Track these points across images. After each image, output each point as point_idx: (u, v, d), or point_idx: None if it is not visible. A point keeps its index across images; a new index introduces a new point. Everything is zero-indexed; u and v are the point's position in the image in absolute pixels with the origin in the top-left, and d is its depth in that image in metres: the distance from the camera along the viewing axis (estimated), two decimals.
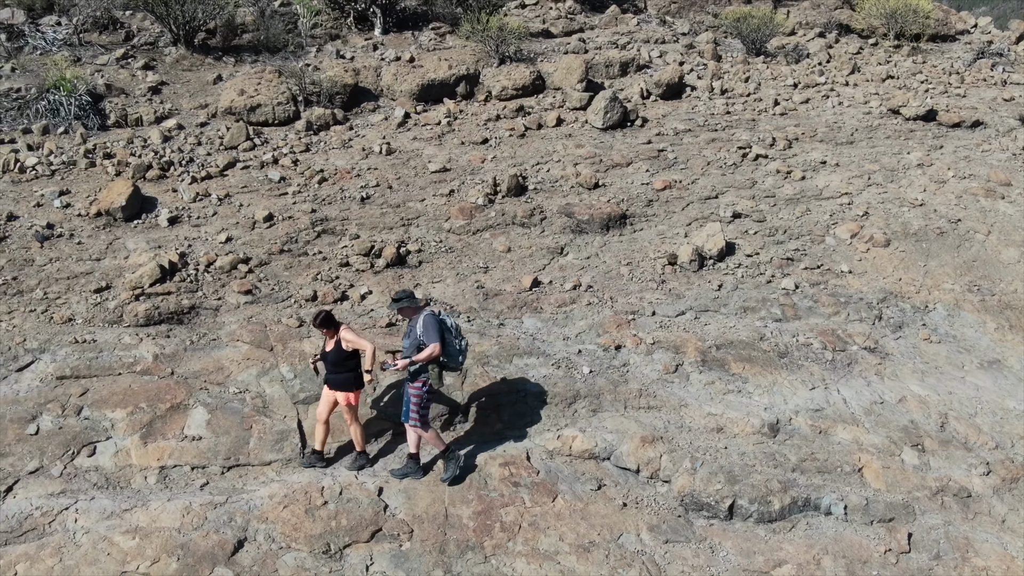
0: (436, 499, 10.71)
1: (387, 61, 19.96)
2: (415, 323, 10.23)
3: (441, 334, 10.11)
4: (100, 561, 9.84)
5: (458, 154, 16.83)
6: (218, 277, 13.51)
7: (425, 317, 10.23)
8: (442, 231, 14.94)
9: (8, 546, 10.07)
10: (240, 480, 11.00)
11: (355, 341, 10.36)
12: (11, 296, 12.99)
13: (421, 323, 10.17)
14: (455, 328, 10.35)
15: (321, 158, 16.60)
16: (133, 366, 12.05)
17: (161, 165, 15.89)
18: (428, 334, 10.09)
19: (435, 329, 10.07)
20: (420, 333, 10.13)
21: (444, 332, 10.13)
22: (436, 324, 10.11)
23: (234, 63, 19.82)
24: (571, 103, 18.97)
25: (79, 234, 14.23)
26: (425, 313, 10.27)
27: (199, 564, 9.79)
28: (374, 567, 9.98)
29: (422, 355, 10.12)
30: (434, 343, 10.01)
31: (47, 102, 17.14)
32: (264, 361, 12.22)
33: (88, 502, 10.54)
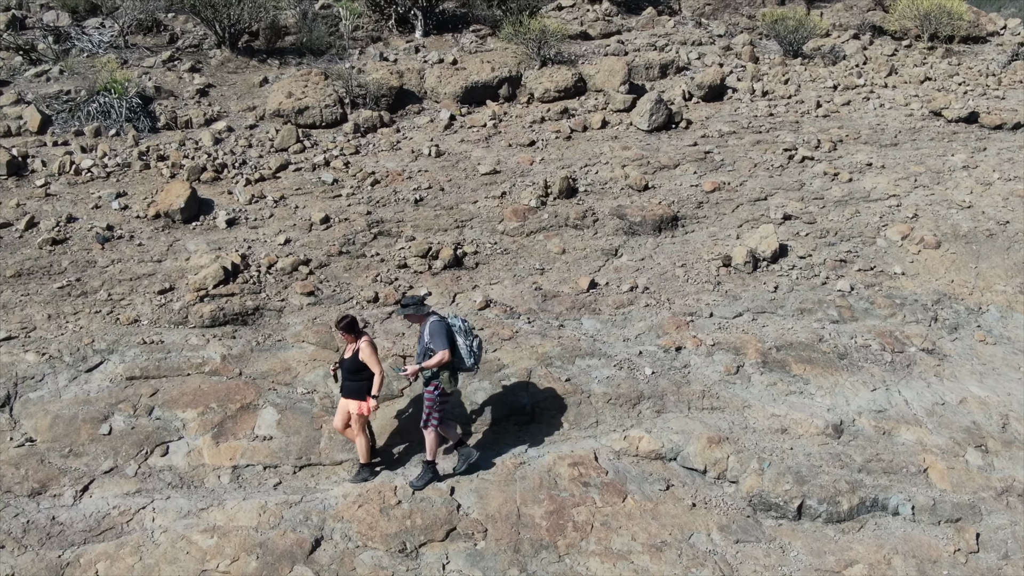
0: (508, 499, 10.80)
1: (430, 63, 20.07)
2: (423, 330, 10.31)
3: (449, 338, 10.19)
4: (180, 560, 9.94)
5: (506, 156, 16.94)
6: (280, 279, 13.63)
7: (432, 323, 10.24)
8: (496, 233, 15.05)
9: (87, 545, 10.18)
10: (312, 479, 11.10)
11: (369, 359, 10.28)
12: (75, 297, 13.13)
13: (427, 329, 10.19)
14: (465, 329, 10.37)
15: (371, 160, 16.71)
16: (202, 367, 12.17)
17: (215, 167, 16.02)
18: (435, 340, 10.08)
19: (442, 335, 10.08)
20: (428, 340, 10.17)
21: (453, 335, 10.26)
22: (443, 329, 10.13)
23: (279, 65, 19.95)
24: (614, 105, 19.07)
25: (139, 236, 14.36)
26: (431, 319, 10.29)
27: (278, 562, 9.90)
28: (450, 566, 10.07)
29: (431, 362, 10.13)
30: (442, 349, 10.04)
31: (98, 104, 17.29)
32: (330, 362, 12.35)
33: (164, 501, 10.66)
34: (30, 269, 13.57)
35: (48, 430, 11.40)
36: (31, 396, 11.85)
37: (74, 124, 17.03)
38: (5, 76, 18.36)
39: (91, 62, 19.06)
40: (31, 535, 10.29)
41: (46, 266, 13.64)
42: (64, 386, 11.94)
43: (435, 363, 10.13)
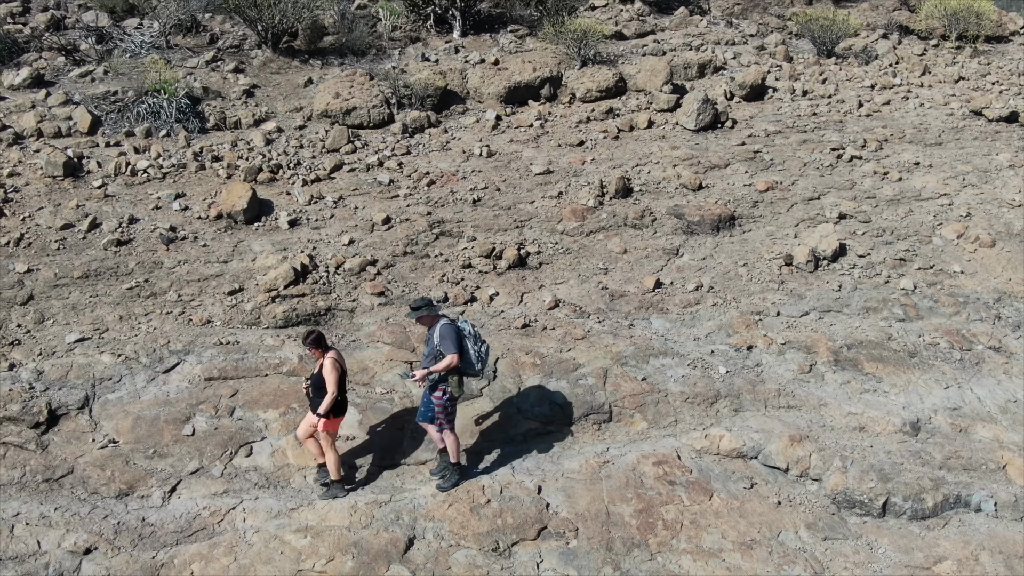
0: (595, 497, 10.87)
1: (471, 64, 20.11)
2: (432, 332, 10.28)
3: (459, 342, 10.13)
4: (275, 560, 9.98)
5: (557, 156, 17.00)
6: (348, 279, 13.68)
7: (442, 326, 10.19)
8: (555, 233, 15.11)
9: (180, 545, 10.22)
10: (398, 479, 11.16)
11: (327, 375, 10.16)
12: (145, 298, 13.15)
13: (438, 332, 10.13)
14: (474, 334, 10.31)
15: (423, 161, 16.76)
16: (279, 367, 12.21)
17: (271, 168, 16.05)
18: (445, 343, 10.03)
19: (452, 338, 10.04)
20: (437, 343, 10.11)
21: (462, 340, 10.19)
22: (453, 333, 10.09)
23: (321, 66, 19.98)
24: (658, 105, 19.14)
25: (202, 236, 14.38)
26: (442, 322, 10.22)
27: (374, 562, 9.94)
28: (544, 564, 10.12)
29: (440, 365, 10.10)
30: (452, 353, 9.99)
31: (147, 105, 17.27)
32: (408, 362, 12.37)
33: (253, 502, 10.70)
34: (97, 270, 13.58)
35: (130, 431, 11.42)
36: (109, 397, 11.87)
37: (124, 125, 17.01)
38: (50, 76, 18.27)
39: (134, 63, 19.04)
40: (123, 536, 10.33)
41: (113, 267, 13.64)
42: (143, 387, 11.96)
43: (444, 367, 10.04)
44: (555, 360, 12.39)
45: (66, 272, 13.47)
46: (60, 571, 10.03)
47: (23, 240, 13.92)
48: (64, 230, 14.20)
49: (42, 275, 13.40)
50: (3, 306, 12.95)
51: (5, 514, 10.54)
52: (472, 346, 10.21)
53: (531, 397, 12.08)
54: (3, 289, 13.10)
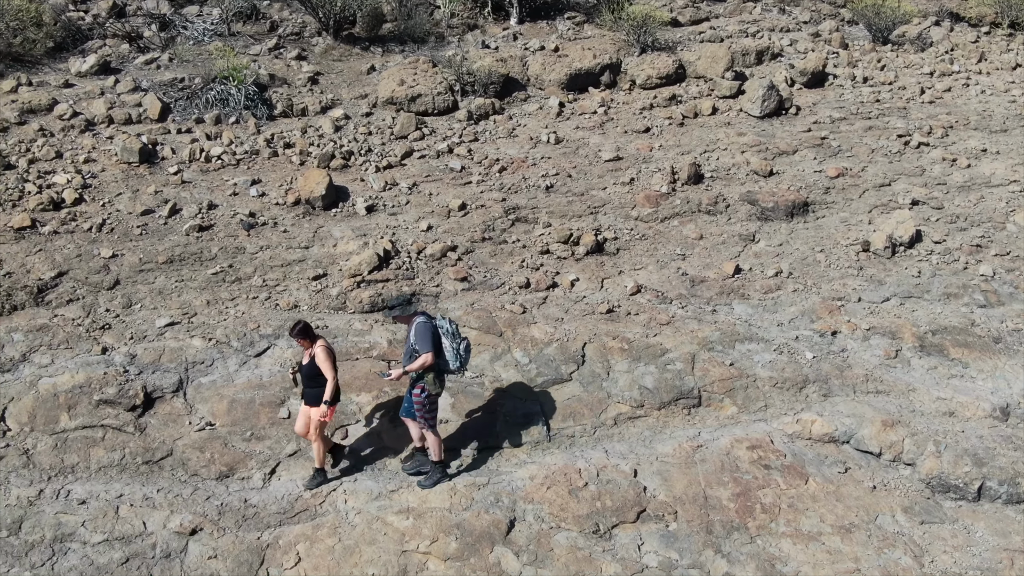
0: (692, 481, 10.93)
1: (531, 51, 20.14)
2: (409, 331, 10.20)
3: (435, 341, 10.07)
4: (378, 541, 10.08)
5: (624, 143, 17.03)
6: (430, 264, 13.76)
7: (417, 325, 10.13)
8: (630, 219, 15.15)
9: (283, 527, 10.31)
10: (493, 462, 11.25)
11: (323, 364, 10.16)
12: (230, 283, 13.26)
13: (414, 331, 10.09)
14: (452, 331, 10.18)
15: (491, 147, 16.81)
16: (369, 351, 12.30)
17: (343, 154, 16.14)
18: (420, 342, 9.98)
19: (426, 337, 9.99)
20: (413, 341, 10.05)
21: (438, 337, 10.10)
22: (428, 331, 10.04)
23: (382, 53, 20.06)
24: (720, 92, 19.14)
25: (282, 222, 14.48)
26: (418, 320, 10.16)
27: (478, 543, 10.03)
28: (645, 547, 10.20)
29: (414, 364, 10.02)
30: (426, 351, 9.94)
31: (215, 92, 17.33)
32: (495, 346, 12.45)
33: (353, 483, 10.80)
34: (181, 255, 13.70)
35: (226, 414, 11.55)
36: (203, 381, 11.99)
37: (193, 112, 17.11)
38: (116, 63, 18.40)
39: (198, 50, 19.14)
40: (227, 517, 10.44)
41: (196, 252, 13.76)
42: (235, 371, 12.08)
43: (418, 366, 9.97)
44: (642, 345, 12.44)
45: (150, 257, 13.58)
46: (167, 551, 10.14)
47: (105, 225, 14.03)
48: (145, 216, 14.30)
49: (127, 260, 13.51)
50: (91, 291, 13.06)
51: (109, 495, 10.66)
52: (450, 343, 10.10)
53: (620, 381, 12.14)
54: (90, 274, 13.20)
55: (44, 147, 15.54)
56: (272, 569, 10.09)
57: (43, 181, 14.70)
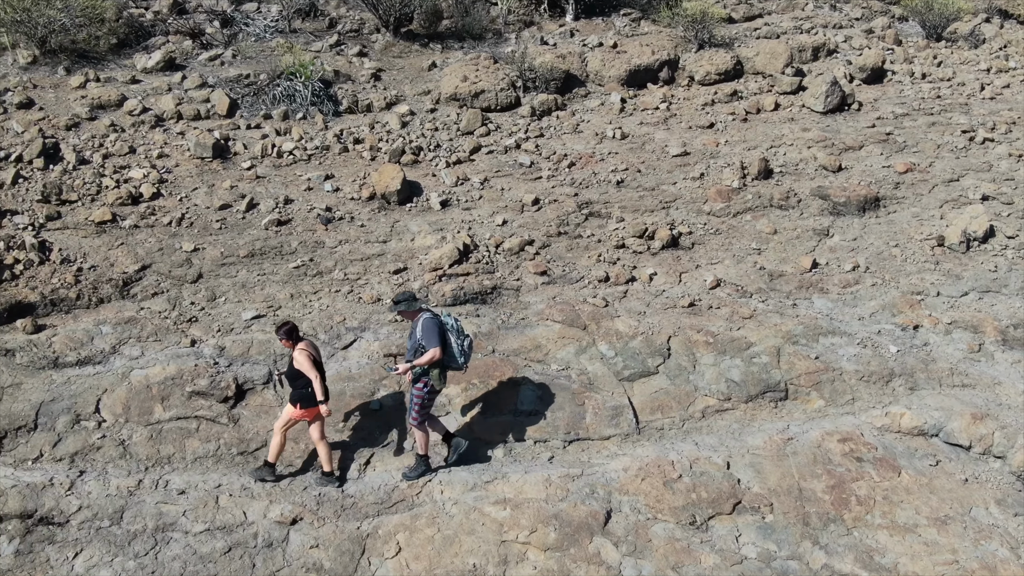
0: (785, 473, 10.96)
1: (589, 47, 20.20)
2: (415, 326, 10.22)
3: (442, 336, 10.11)
4: (477, 531, 10.14)
5: (689, 138, 17.06)
6: (509, 258, 13.83)
7: (424, 320, 10.16)
8: (702, 213, 15.19)
9: (382, 516, 10.39)
10: (583, 454, 11.29)
11: (301, 366, 10.23)
12: (312, 277, 13.36)
13: (420, 326, 10.11)
14: (457, 328, 10.26)
15: (557, 143, 16.87)
16: None
17: (412, 150, 16.23)
18: (428, 337, 10.01)
19: (434, 332, 10.02)
20: (420, 336, 10.06)
21: (445, 333, 10.13)
22: (436, 327, 10.06)
23: (441, 50, 20.13)
24: (780, 87, 19.14)
25: (358, 217, 14.58)
26: (424, 316, 10.19)
27: (577, 533, 10.09)
28: (743, 538, 10.23)
29: (422, 359, 10.05)
30: (434, 347, 9.99)
31: (282, 88, 17.44)
32: (580, 340, 12.51)
33: (447, 475, 10.86)
34: (262, 249, 13.80)
35: None
36: None
37: (261, 108, 17.23)
38: (180, 60, 18.52)
39: (260, 46, 19.28)
40: (326, 507, 10.53)
41: (276, 246, 13.86)
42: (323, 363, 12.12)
43: (427, 360, 10.01)
44: (727, 339, 12.48)
45: (232, 251, 13.69)
46: (269, 541, 10.23)
47: (184, 219, 14.16)
48: (223, 210, 14.42)
49: (208, 254, 13.63)
50: (174, 284, 13.19)
51: (207, 485, 10.77)
52: (455, 340, 10.16)
53: (707, 375, 12.18)
54: (172, 267, 13.33)
55: (117, 142, 15.68)
56: (373, 558, 10.16)
57: (119, 176, 14.83)
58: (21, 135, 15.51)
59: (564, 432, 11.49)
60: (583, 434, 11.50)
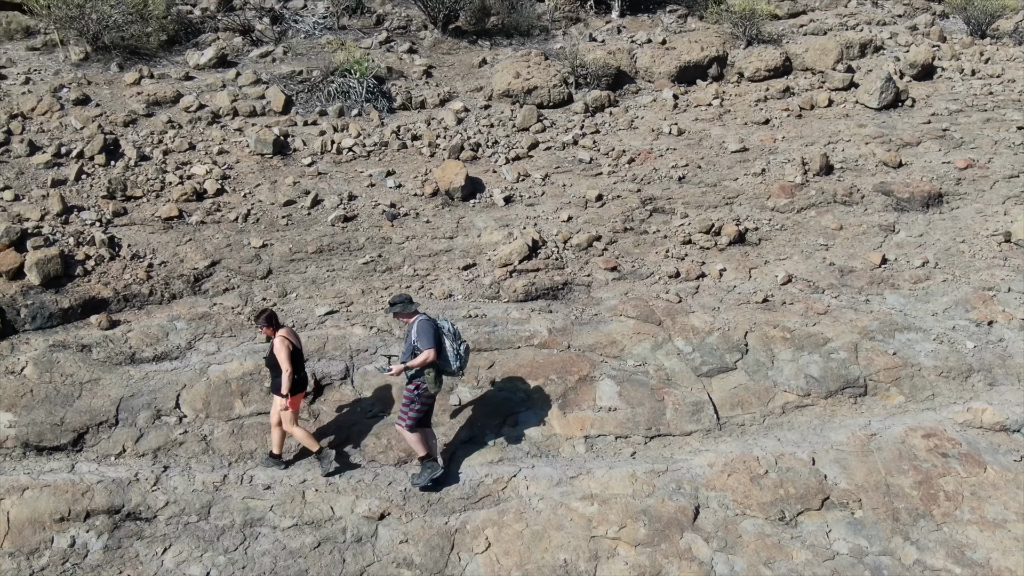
0: (871, 469, 10.92)
1: (638, 44, 20.16)
2: (411, 328, 10.11)
3: (437, 339, 9.99)
4: (565, 526, 10.11)
5: (746, 134, 17.01)
6: (578, 254, 13.80)
7: (419, 322, 10.07)
8: (765, 209, 15.14)
9: (468, 512, 10.36)
10: (665, 449, 11.25)
11: (277, 354, 10.13)
12: (381, 272, 13.34)
13: (415, 328, 10.01)
14: (453, 332, 10.15)
15: (614, 139, 16.84)
16: (530, 339, 12.34)
17: (471, 146, 16.20)
18: (422, 339, 9.90)
19: (428, 334, 9.92)
20: (415, 338, 9.94)
21: (440, 336, 10.03)
22: (431, 329, 9.97)
23: (490, 47, 20.12)
24: (832, 84, 19.09)
25: (423, 213, 14.56)
26: (420, 318, 10.11)
27: (667, 529, 10.05)
28: (833, 534, 10.19)
29: (415, 361, 9.94)
30: (428, 348, 9.86)
31: (336, 85, 17.41)
32: (655, 335, 12.46)
33: (530, 470, 10.84)
34: (329, 245, 13.79)
35: (396, 401, 11.59)
36: (368, 369, 12.06)
37: (316, 104, 17.21)
38: (232, 57, 18.49)
39: (310, 43, 19.25)
40: (412, 503, 10.50)
41: (344, 242, 13.85)
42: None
43: (419, 362, 9.89)
44: (803, 334, 12.44)
45: (299, 247, 13.68)
46: (357, 536, 10.21)
47: (250, 216, 14.15)
48: (287, 206, 14.41)
49: (277, 250, 13.62)
50: (244, 280, 13.18)
51: (292, 480, 10.75)
52: (450, 344, 10.05)
53: (786, 371, 12.14)
54: (242, 263, 13.32)
55: (176, 139, 15.68)
56: (463, 553, 10.14)
57: (182, 172, 14.82)
58: (80, 131, 15.50)
59: (645, 428, 11.43)
60: (664, 430, 11.44)
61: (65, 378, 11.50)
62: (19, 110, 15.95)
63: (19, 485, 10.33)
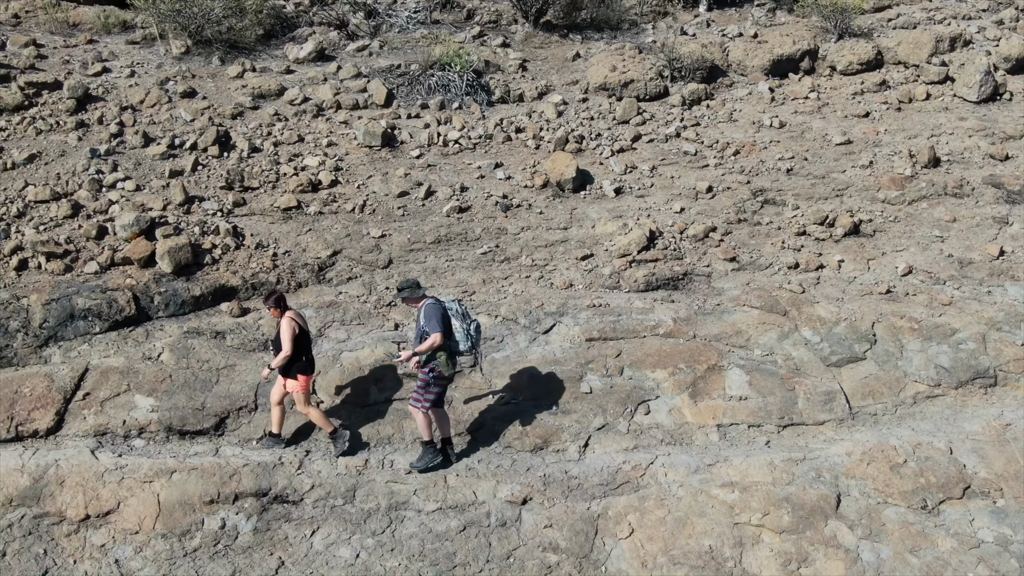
0: (1009, 459, 10.91)
1: (729, 37, 20.18)
2: (419, 313, 10.12)
3: (445, 321, 10.01)
4: (708, 513, 10.16)
5: (847, 127, 16.99)
6: (694, 245, 13.84)
7: (427, 306, 10.07)
8: (876, 201, 15.11)
9: (608, 498, 10.43)
10: (799, 438, 11.27)
11: (282, 335, 10.17)
12: (500, 263, 13.44)
13: (423, 312, 10.02)
14: (461, 312, 10.19)
15: (715, 131, 16.85)
16: (655, 329, 12.39)
17: (575, 138, 16.27)
18: (430, 323, 9.90)
19: (436, 318, 9.92)
20: (423, 323, 9.97)
21: (448, 319, 10.04)
22: (438, 312, 9.98)
23: (581, 40, 20.17)
24: (927, 77, 19.00)
25: (536, 204, 14.66)
26: (427, 302, 10.12)
27: (811, 516, 10.08)
28: (977, 522, 10.20)
29: (423, 346, 9.96)
30: (436, 332, 9.88)
31: (437, 78, 17.53)
32: (780, 325, 12.48)
33: (667, 457, 10.88)
34: (447, 235, 13.92)
35: (527, 388, 11.73)
36: (496, 356, 12.17)
37: (416, 98, 17.36)
38: (329, 51, 18.68)
39: (404, 37, 19.40)
40: (553, 488, 10.59)
41: (460, 233, 13.97)
42: (525, 347, 12.24)
43: (427, 347, 9.92)
44: (930, 325, 12.42)
45: (417, 237, 13.81)
46: (502, 520, 10.31)
47: (366, 206, 14.31)
48: (401, 197, 14.56)
49: (395, 240, 13.76)
50: (366, 269, 13.34)
51: (457, 465, 10.82)
52: (460, 324, 10.10)
53: (915, 361, 12.13)
54: (363, 253, 13.48)
55: (284, 131, 15.87)
56: (607, 539, 10.22)
57: (295, 163, 14.98)
58: (191, 123, 15.75)
59: (777, 417, 11.47)
60: (797, 419, 11.47)
61: (201, 364, 11.69)
62: (128, 102, 16.19)
63: (167, 468, 10.50)
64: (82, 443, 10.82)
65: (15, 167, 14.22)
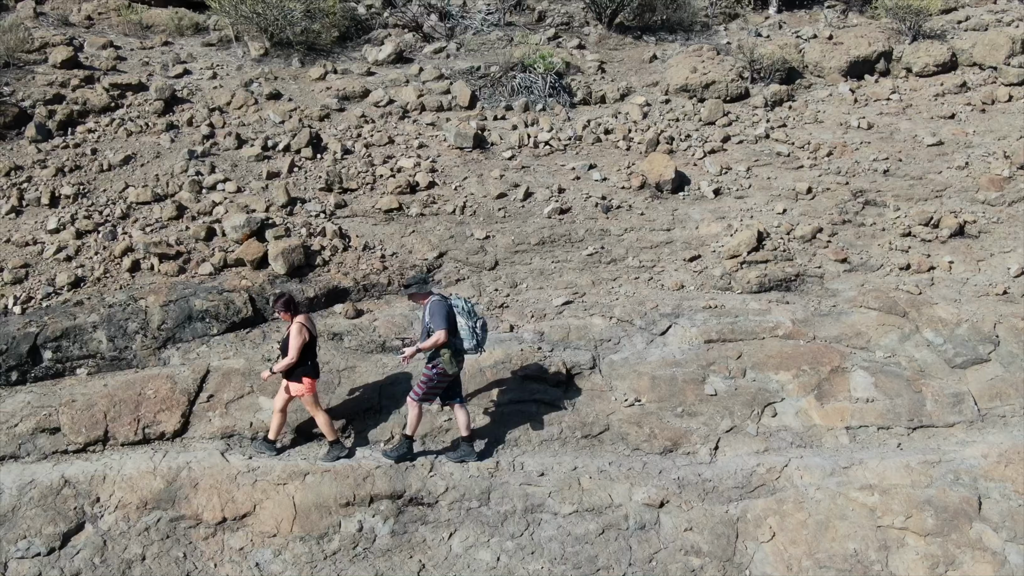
0: None
1: (804, 39, 20.11)
2: (424, 310, 10.04)
3: (449, 319, 9.90)
4: (848, 516, 10.03)
5: (935, 128, 16.91)
6: (803, 246, 13.75)
7: (432, 303, 10.01)
8: (976, 202, 15.00)
9: (745, 500, 10.33)
10: (931, 440, 11.15)
11: (291, 340, 10.01)
12: (606, 264, 13.36)
13: (428, 309, 9.96)
14: (467, 310, 10.07)
15: (803, 133, 16.77)
16: (774, 330, 12.29)
17: (665, 140, 16.18)
18: (435, 320, 9.82)
19: (441, 315, 9.84)
20: (428, 320, 9.88)
21: (453, 316, 9.94)
22: (443, 310, 9.90)
23: (655, 42, 20.09)
24: (1005, 79, 18.91)
25: (635, 205, 14.58)
26: (433, 299, 10.06)
27: (955, 519, 9.97)
28: None
29: (427, 343, 9.85)
30: (440, 329, 9.77)
31: (519, 80, 17.45)
32: (901, 327, 12.37)
33: (800, 460, 10.75)
34: (550, 237, 13.85)
35: (650, 391, 11.59)
36: (614, 358, 12.07)
37: (500, 99, 17.30)
38: (407, 53, 18.63)
39: (480, 39, 19.33)
40: (688, 491, 10.49)
41: (564, 234, 13.89)
42: (643, 349, 12.13)
43: (431, 344, 9.80)
44: None
45: (521, 239, 13.73)
46: (641, 523, 10.21)
47: (467, 208, 14.24)
48: (500, 199, 14.49)
49: (499, 241, 13.68)
50: (473, 271, 13.28)
51: (563, 468, 10.77)
52: (466, 322, 9.99)
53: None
54: (469, 255, 13.42)
55: (373, 133, 15.82)
56: (748, 542, 10.12)
57: (391, 165, 14.90)
58: (281, 125, 15.69)
59: (907, 419, 11.36)
60: (926, 421, 11.36)
61: (322, 365, 11.59)
62: (215, 104, 16.16)
63: (299, 470, 10.42)
64: (211, 445, 10.73)
65: (111, 168, 14.16)
